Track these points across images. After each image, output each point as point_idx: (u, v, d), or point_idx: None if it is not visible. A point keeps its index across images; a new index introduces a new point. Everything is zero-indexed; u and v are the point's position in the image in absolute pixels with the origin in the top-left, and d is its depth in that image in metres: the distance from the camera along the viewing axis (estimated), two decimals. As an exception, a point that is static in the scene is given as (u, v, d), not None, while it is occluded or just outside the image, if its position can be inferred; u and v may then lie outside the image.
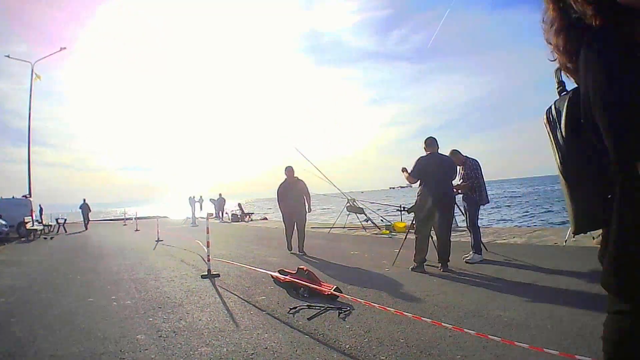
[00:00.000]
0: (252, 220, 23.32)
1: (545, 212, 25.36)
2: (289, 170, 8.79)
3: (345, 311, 3.95)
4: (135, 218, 22.12)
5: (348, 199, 13.36)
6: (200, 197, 29.63)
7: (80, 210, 23.13)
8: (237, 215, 23.77)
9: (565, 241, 7.22)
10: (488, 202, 6.79)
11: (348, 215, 13.55)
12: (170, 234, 14.00)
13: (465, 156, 6.58)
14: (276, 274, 5.41)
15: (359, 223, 13.51)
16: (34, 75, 21.29)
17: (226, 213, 25.93)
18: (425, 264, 5.92)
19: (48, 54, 22.76)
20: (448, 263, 5.89)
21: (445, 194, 5.85)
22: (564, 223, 18.88)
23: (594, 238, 6.98)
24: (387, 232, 11.74)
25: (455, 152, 6.55)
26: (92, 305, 4.71)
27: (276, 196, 8.91)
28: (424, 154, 6.02)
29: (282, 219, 9.10)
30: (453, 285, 5.04)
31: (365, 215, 13.46)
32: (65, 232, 19.93)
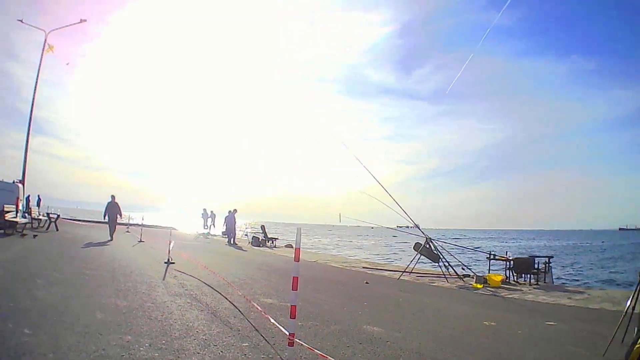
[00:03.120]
0: (275, 246, 19.72)
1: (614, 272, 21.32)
2: None
3: None
4: (141, 225, 18.59)
5: (428, 238, 9.95)
6: (212, 211, 26.26)
7: (104, 211, 15.08)
8: (259, 239, 20.19)
9: None
10: None
11: (419, 258, 10.20)
12: (183, 254, 10.60)
13: None
14: None
15: (429, 268, 10.42)
16: (47, 46, 18.56)
17: (246, 235, 22.08)
18: None
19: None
20: None
21: None
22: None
23: None
24: (480, 285, 8.82)
25: None
26: None
27: None
28: None
29: None
30: None
31: (445, 261, 10.01)
32: (57, 229, 16.64)
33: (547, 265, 9.74)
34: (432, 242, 10.09)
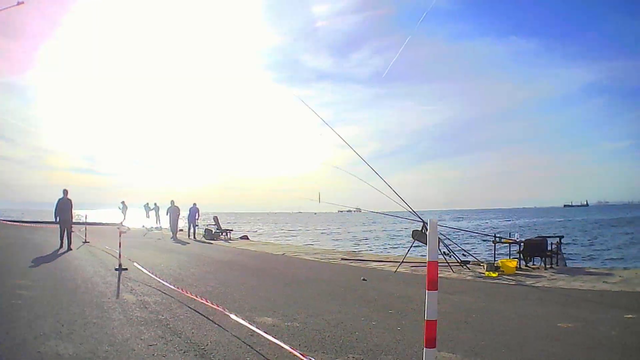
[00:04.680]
0: (230, 239, 17.95)
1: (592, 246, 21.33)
2: None
3: None
4: (84, 223, 16.18)
5: (424, 223, 8.85)
6: (155, 204, 24.02)
7: (54, 210, 11.58)
8: (212, 231, 18.27)
9: None
10: None
11: (412, 243, 9.12)
12: (135, 256, 8.86)
13: None
14: None
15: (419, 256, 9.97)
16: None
17: (197, 226, 19.97)
18: None
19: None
20: None
21: None
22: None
23: None
24: (495, 274, 7.84)
25: None
26: None
27: None
28: None
29: None
30: None
31: (446, 247, 9.03)
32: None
33: (558, 246, 9.02)
34: (427, 226, 9.03)
